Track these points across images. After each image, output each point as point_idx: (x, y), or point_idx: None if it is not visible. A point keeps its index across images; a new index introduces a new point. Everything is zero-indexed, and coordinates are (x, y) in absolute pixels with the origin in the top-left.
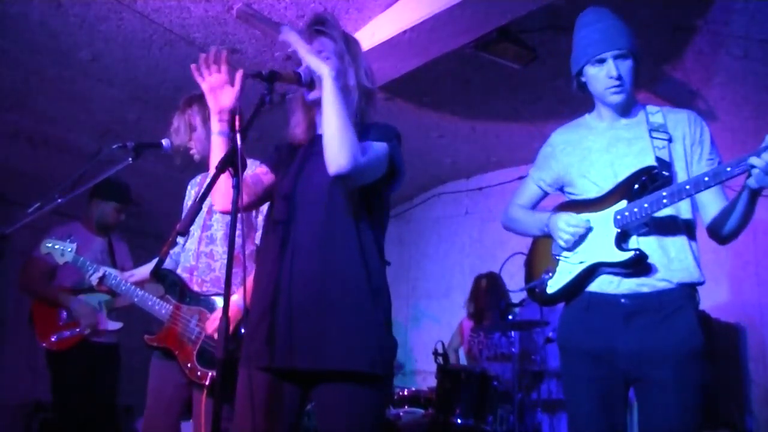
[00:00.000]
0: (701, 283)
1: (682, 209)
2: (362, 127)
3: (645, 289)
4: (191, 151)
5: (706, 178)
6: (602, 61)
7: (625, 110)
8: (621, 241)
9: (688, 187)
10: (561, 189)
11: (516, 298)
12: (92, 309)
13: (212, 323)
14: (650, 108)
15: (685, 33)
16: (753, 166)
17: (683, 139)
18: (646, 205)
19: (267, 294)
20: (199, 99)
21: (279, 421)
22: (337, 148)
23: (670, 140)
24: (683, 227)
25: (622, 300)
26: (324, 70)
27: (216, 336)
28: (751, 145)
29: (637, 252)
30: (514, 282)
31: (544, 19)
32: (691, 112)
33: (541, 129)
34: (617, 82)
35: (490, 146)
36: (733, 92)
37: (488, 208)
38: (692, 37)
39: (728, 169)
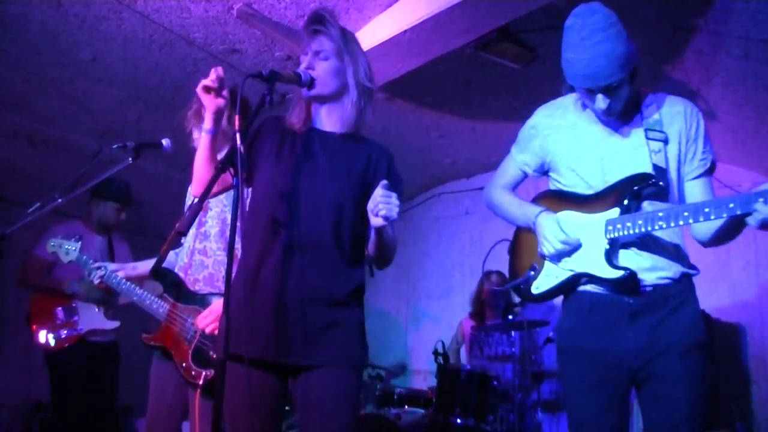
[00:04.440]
0: (695, 273)
1: None
2: (362, 140)
3: (648, 289)
4: (196, 140)
5: (707, 209)
6: (591, 91)
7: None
8: (611, 253)
9: (686, 213)
10: (545, 173)
11: (517, 297)
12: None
13: (202, 319)
14: (645, 99)
15: (685, 33)
16: (756, 210)
17: (678, 137)
18: (640, 222)
19: (255, 287)
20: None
21: (267, 411)
22: (390, 258)
23: (665, 141)
24: (674, 232)
25: (626, 299)
26: (376, 221)
27: (206, 331)
28: (752, 145)
29: (628, 272)
30: None
31: (544, 19)
32: (687, 103)
33: None
34: (607, 111)
35: (490, 146)
36: (733, 92)
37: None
38: (692, 37)
39: (731, 205)
